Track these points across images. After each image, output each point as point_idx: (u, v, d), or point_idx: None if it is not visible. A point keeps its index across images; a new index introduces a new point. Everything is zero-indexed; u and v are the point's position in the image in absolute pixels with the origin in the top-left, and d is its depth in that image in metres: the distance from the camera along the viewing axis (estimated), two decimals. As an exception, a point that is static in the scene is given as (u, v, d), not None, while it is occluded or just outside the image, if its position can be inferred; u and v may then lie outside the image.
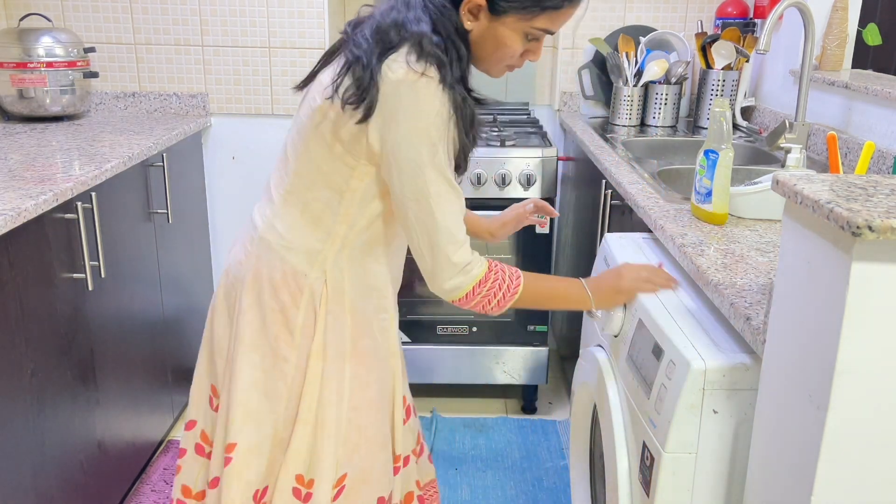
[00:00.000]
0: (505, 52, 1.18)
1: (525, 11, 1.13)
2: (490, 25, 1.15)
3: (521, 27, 1.15)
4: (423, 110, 1.10)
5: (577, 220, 2.53)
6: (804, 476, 0.85)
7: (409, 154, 1.12)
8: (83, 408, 1.81)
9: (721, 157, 1.44)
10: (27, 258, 1.55)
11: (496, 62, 1.22)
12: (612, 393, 1.33)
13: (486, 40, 1.17)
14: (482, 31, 1.16)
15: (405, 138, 1.11)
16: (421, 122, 1.11)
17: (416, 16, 1.14)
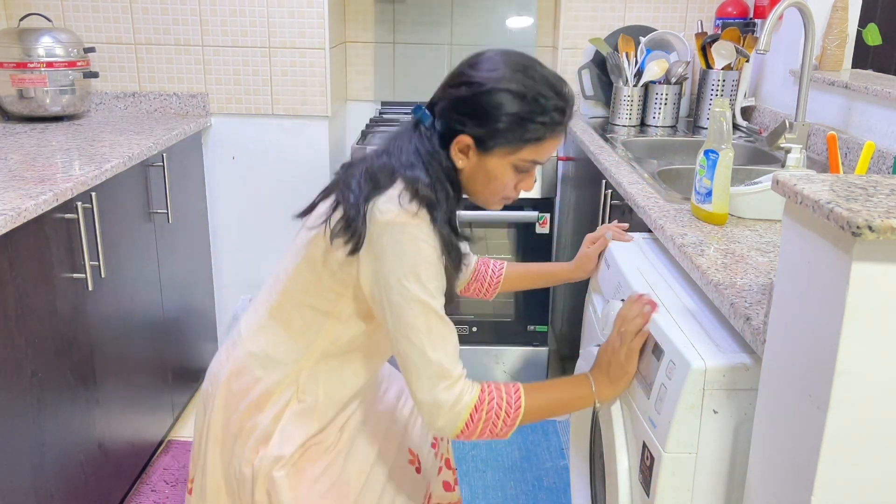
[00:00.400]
0: (497, 185, 1.22)
1: (511, 146, 1.17)
2: (480, 162, 1.19)
3: (509, 161, 1.19)
4: (412, 251, 1.13)
5: (577, 220, 2.53)
6: (804, 476, 0.85)
7: (400, 293, 1.14)
8: (83, 408, 1.81)
9: (721, 157, 1.44)
10: (27, 258, 1.55)
11: (491, 195, 1.25)
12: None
13: (477, 176, 1.21)
14: (473, 168, 1.20)
15: (395, 278, 1.13)
16: (410, 263, 1.13)
17: (407, 160, 1.18)
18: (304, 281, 1.23)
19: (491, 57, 1.18)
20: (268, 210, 2.74)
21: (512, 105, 1.14)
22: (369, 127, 2.71)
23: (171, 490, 2.21)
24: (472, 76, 1.16)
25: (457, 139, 1.18)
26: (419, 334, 1.14)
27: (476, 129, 1.16)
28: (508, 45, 2.94)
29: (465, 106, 1.16)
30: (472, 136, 1.17)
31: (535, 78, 1.16)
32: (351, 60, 2.98)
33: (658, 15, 2.77)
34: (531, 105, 1.15)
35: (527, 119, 1.15)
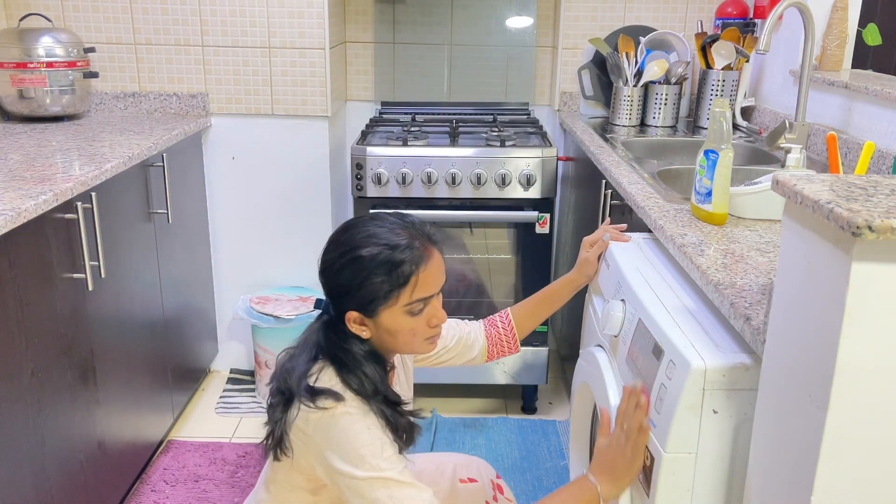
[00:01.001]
0: (405, 335, 1.24)
1: (387, 300, 1.20)
2: (377, 325, 1.23)
3: (398, 312, 1.21)
4: (349, 438, 1.17)
5: (577, 220, 2.53)
6: (804, 476, 0.85)
7: (352, 478, 1.17)
8: (83, 408, 1.81)
9: (721, 157, 1.44)
10: (27, 258, 1.55)
11: (407, 344, 1.26)
12: (612, 393, 1.33)
13: (384, 337, 1.25)
14: (377, 332, 1.24)
15: (342, 467, 1.17)
16: (351, 449, 1.17)
17: (301, 370, 1.23)
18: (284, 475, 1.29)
19: (346, 229, 1.25)
20: (268, 210, 2.75)
21: (369, 266, 1.19)
22: (369, 127, 2.71)
23: (171, 490, 2.21)
24: (324, 263, 1.24)
25: (346, 317, 1.23)
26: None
27: (352, 302, 1.21)
28: (508, 45, 2.95)
29: (333, 289, 1.24)
30: (354, 309, 1.22)
31: (387, 227, 1.22)
32: (351, 60, 2.98)
33: (658, 15, 2.77)
34: (377, 259, 1.19)
35: (382, 272, 1.19)
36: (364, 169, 2.40)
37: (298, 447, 1.23)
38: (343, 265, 1.21)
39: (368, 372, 1.23)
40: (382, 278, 1.19)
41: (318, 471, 1.22)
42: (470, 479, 1.57)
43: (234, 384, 2.83)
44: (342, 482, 1.19)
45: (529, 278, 2.53)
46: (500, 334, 1.59)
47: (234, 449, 2.41)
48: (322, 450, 1.19)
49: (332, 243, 1.26)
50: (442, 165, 2.40)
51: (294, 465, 1.26)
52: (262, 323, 2.56)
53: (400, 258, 1.19)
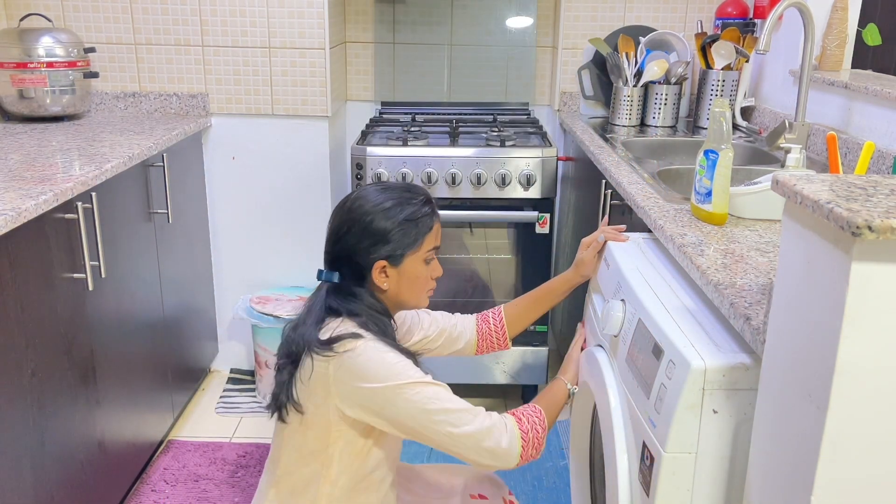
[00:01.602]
0: (420, 283, 1.39)
1: (415, 246, 1.36)
2: (399, 274, 1.36)
3: (418, 258, 1.37)
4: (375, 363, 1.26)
5: (577, 220, 2.53)
6: (804, 476, 0.85)
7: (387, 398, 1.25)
8: (83, 408, 1.81)
9: (721, 157, 1.44)
10: (27, 258, 1.55)
11: (418, 295, 1.40)
12: (612, 393, 1.33)
13: (402, 286, 1.37)
14: (396, 281, 1.37)
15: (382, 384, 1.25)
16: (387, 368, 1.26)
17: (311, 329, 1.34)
18: (292, 448, 1.36)
19: (355, 198, 1.37)
20: (268, 210, 2.75)
21: (394, 218, 1.33)
22: (369, 127, 2.71)
23: (171, 490, 2.21)
24: (354, 218, 1.34)
25: (374, 267, 1.34)
26: (427, 405, 1.26)
27: (380, 252, 1.33)
28: (508, 45, 2.95)
29: (364, 240, 1.33)
30: (383, 258, 1.34)
31: (398, 189, 1.37)
32: (351, 60, 2.98)
33: (658, 15, 2.77)
34: (409, 208, 1.34)
35: (412, 219, 1.34)
36: (364, 169, 2.40)
37: (316, 400, 1.30)
38: (373, 218, 1.33)
39: (384, 320, 1.36)
40: (411, 226, 1.34)
41: (347, 412, 1.28)
42: (481, 495, 1.60)
43: (235, 384, 2.83)
44: (380, 399, 1.26)
45: (529, 278, 2.53)
46: (490, 330, 1.64)
47: (234, 449, 2.41)
48: (353, 386, 1.26)
49: (346, 205, 1.37)
50: (442, 165, 2.40)
51: (303, 427, 1.32)
52: (262, 323, 2.57)
53: (424, 210, 1.36)
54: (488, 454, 1.28)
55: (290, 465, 1.36)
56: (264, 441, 2.47)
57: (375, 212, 1.33)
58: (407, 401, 1.25)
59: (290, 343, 1.36)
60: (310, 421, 1.32)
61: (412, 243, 1.34)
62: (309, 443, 1.33)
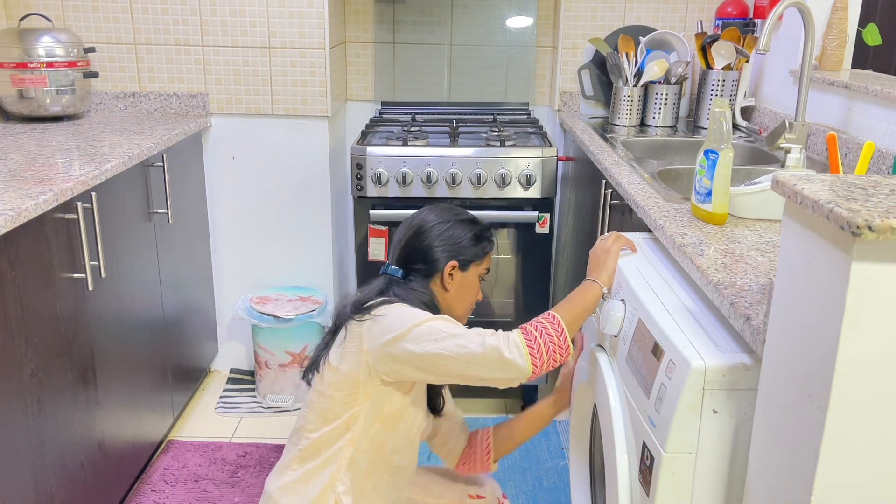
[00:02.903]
0: (473, 295, 1.55)
1: (479, 259, 1.53)
2: (462, 279, 1.52)
3: (478, 272, 1.54)
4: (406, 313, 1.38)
5: (577, 220, 2.53)
6: (804, 476, 0.85)
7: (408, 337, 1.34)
8: (83, 408, 1.81)
9: (721, 157, 1.44)
10: (27, 258, 1.55)
11: (468, 307, 1.56)
12: (612, 393, 1.33)
13: (460, 291, 1.52)
14: (457, 286, 1.51)
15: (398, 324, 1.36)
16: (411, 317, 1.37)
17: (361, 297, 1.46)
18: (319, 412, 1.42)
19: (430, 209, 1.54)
20: (268, 210, 2.75)
21: (467, 230, 1.51)
22: (369, 127, 2.71)
23: (171, 490, 2.21)
24: (431, 223, 1.50)
25: (447, 266, 1.48)
26: (442, 332, 1.34)
27: (455, 255, 1.49)
28: (508, 45, 2.95)
29: (443, 241, 1.49)
30: (455, 260, 1.49)
31: (461, 211, 1.55)
32: (351, 60, 2.98)
33: (658, 15, 2.77)
34: (476, 227, 1.53)
35: (480, 237, 1.52)
36: (364, 169, 2.40)
37: (349, 360, 1.38)
38: (456, 224, 1.50)
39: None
40: (480, 242, 1.52)
41: (376, 368, 1.37)
42: (479, 495, 1.66)
43: (234, 384, 2.83)
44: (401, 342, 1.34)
45: (529, 278, 2.53)
46: (473, 454, 1.66)
47: (234, 449, 2.41)
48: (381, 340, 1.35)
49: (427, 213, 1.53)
50: (442, 165, 2.40)
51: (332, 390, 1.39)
52: (262, 323, 2.57)
53: (488, 233, 1.55)
54: (499, 367, 1.33)
55: (315, 428, 1.42)
56: (264, 441, 2.47)
57: (456, 221, 1.51)
58: (421, 334, 1.33)
59: (339, 313, 1.46)
60: (340, 383, 1.39)
61: (478, 255, 1.51)
62: (336, 406, 1.40)
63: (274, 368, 2.63)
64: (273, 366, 2.63)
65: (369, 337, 1.37)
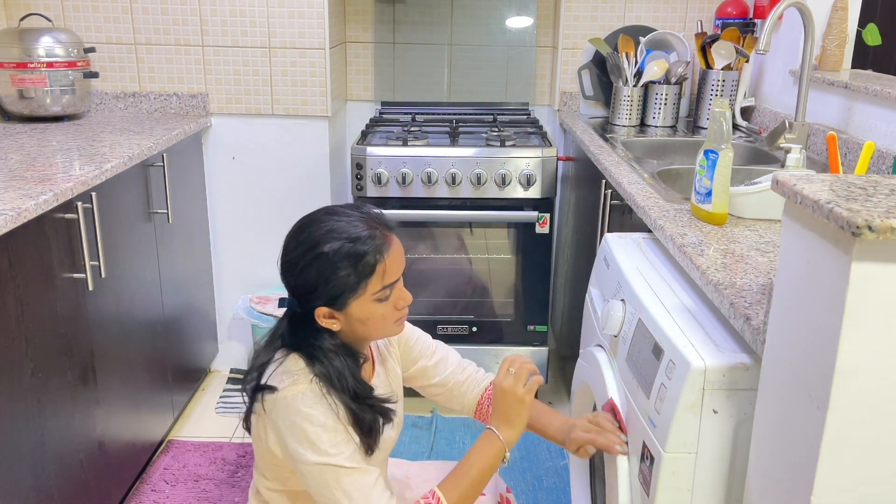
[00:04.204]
0: (377, 321, 1.26)
1: (355, 291, 1.22)
2: (347, 317, 1.25)
3: (367, 300, 1.23)
4: (300, 421, 1.20)
5: (577, 220, 2.53)
6: (804, 476, 0.85)
7: (303, 461, 1.21)
8: (83, 408, 1.81)
9: (721, 157, 1.44)
10: (27, 258, 1.55)
11: (380, 329, 1.29)
12: (612, 393, 1.33)
13: (355, 327, 1.26)
14: (348, 323, 1.26)
15: (293, 448, 1.22)
16: (300, 432, 1.20)
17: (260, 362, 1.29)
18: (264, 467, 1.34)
19: (299, 230, 1.27)
20: (268, 210, 2.75)
21: (326, 265, 1.21)
22: (369, 127, 2.71)
23: (171, 490, 2.21)
24: (286, 263, 1.26)
25: (316, 313, 1.24)
26: (332, 489, 1.20)
27: (320, 298, 1.23)
28: (508, 45, 2.94)
29: (299, 287, 1.25)
30: (323, 305, 1.23)
31: (339, 219, 1.23)
32: (351, 60, 2.98)
33: (658, 15, 2.77)
34: (341, 253, 1.20)
35: (348, 265, 1.21)
36: (364, 169, 2.40)
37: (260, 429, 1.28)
38: (307, 263, 1.22)
39: (337, 364, 1.25)
40: (349, 271, 1.20)
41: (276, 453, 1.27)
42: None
43: (235, 384, 2.83)
44: (296, 465, 1.23)
45: (529, 278, 2.53)
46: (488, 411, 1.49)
47: (234, 449, 2.41)
48: (280, 432, 1.23)
49: (291, 242, 1.27)
50: (442, 165, 2.40)
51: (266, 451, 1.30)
52: (262, 323, 2.56)
53: (363, 249, 1.21)
54: None
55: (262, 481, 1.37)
56: (264, 441, 2.47)
57: (311, 254, 1.21)
58: (311, 478, 1.22)
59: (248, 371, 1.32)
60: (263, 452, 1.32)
61: (353, 288, 1.21)
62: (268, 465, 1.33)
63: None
64: (273, 366, 2.62)
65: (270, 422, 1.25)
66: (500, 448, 1.31)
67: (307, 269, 1.22)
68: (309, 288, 1.23)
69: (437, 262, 2.52)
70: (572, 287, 2.59)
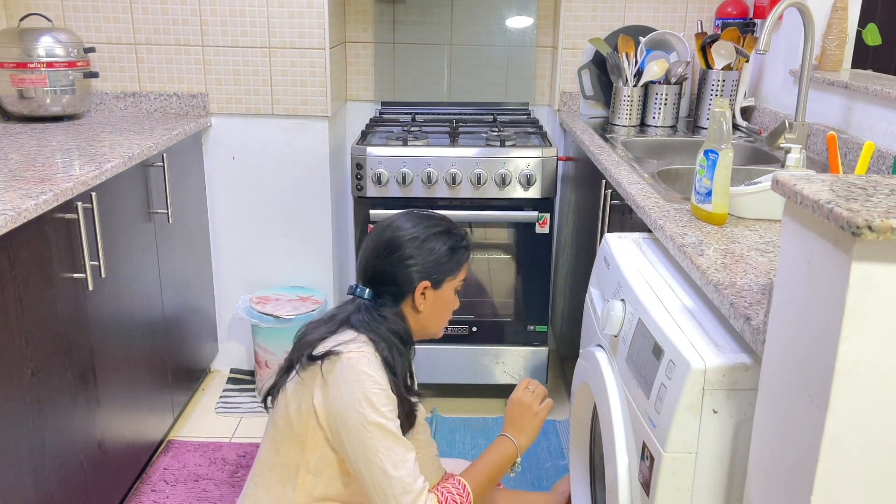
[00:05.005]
0: (448, 310, 1.49)
1: (453, 273, 1.46)
2: (436, 297, 1.46)
3: (454, 286, 1.48)
4: (363, 380, 1.31)
5: (577, 220, 2.53)
6: (804, 476, 0.85)
7: (357, 420, 1.30)
8: (83, 408, 1.81)
9: (721, 157, 1.44)
10: (27, 258, 1.55)
11: (442, 322, 1.50)
12: (612, 393, 1.33)
13: (434, 310, 1.47)
14: (431, 305, 1.46)
15: (350, 406, 1.30)
16: (362, 391, 1.30)
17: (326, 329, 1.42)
18: (275, 441, 1.41)
19: (401, 220, 1.45)
20: (268, 210, 2.75)
21: (440, 244, 1.43)
22: (369, 127, 2.72)
23: (171, 490, 2.21)
24: (401, 238, 1.42)
25: (418, 287, 1.42)
26: (379, 455, 1.29)
27: (426, 273, 1.42)
28: (508, 45, 2.94)
29: (411, 261, 1.41)
30: (427, 280, 1.42)
31: (438, 219, 1.47)
32: (351, 60, 2.98)
33: (658, 15, 2.77)
34: (452, 238, 1.45)
35: (455, 248, 1.45)
36: (364, 169, 2.40)
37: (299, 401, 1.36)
38: (425, 240, 1.42)
39: (396, 348, 1.39)
40: (455, 254, 1.44)
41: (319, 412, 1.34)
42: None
43: (234, 384, 2.83)
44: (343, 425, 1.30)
45: (529, 278, 2.53)
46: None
47: (234, 449, 2.41)
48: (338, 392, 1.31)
49: (394, 228, 1.44)
50: (442, 165, 2.40)
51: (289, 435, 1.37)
52: (262, 323, 2.57)
53: (464, 244, 1.47)
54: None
55: (268, 457, 1.41)
56: (264, 441, 2.47)
57: (424, 236, 1.42)
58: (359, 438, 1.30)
59: (295, 347, 1.43)
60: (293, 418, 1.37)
61: (453, 270, 1.45)
62: (288, 436, 1.39)
63: (274, 368, 2.63)
64: (273, 366, 2.63)
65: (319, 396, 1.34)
66: (513, 452, 1.48)
67: (420, 248, 1.41)
68: (418, 264, 1.41)
69: (437, 262, 2.52)
70: (572, 287, 2.59)
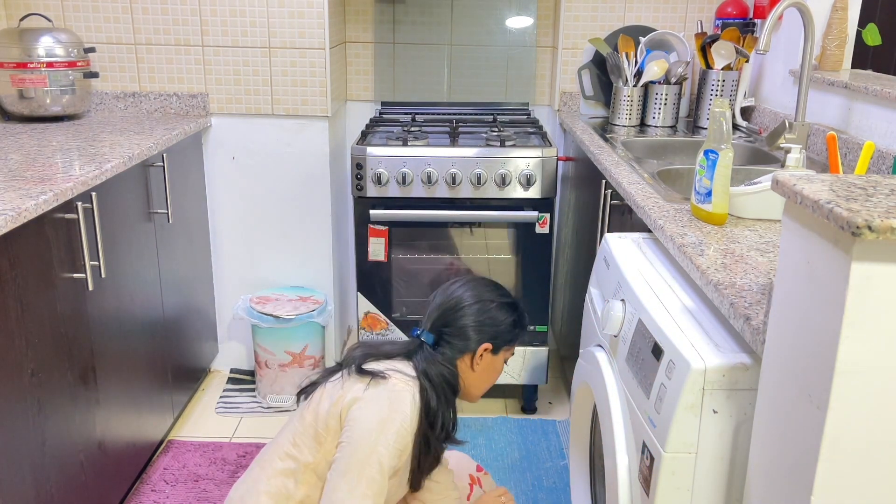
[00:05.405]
0: (495, 376, 1.56)
1: (509, 343, 1.54)
2: (491, 361, 1.53)
3: (506, 356, 1.56)
4: (394, 407, 1.37)
5: (577, 220, 2.53)
6: (804, 476, 0.85)
7: (366, 431, 1.34)
8: (83, 408, 1.81)
9: (721, 157, 1.44)
10: (27, 258, 1.55)
11: (486, 385, 1.56)
12: (612, 393, 1.33)
13: (486, 372, 1.53)
14: (485, 367, 1.52)
15: (371, 422, 1.35)
16: (389, 417, 1.35)
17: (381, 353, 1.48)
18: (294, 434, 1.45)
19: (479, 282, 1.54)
20: (268, 210, 2.75)
21: (509, 315, 1.52)
22: (369, 127, 2.71)
23: (171, 490, 2.21)
24: (472, 302, 1.50)
25: (482, 347, 1.50)
26: (359, 478, 1.32)
27: (491, 336, 1.50)
28: (508, 45, 2.94)
29: (484, 321, 1.49)
30: (489, 342, 1.50)
31: (505, 292, 1.55)
32: (351, 60, 2.98)
33: (658, 15, 2.77)
34: (516, 313, 1.54)
35: (517, 322, 1.54)
36: (364, 169, 2.40)
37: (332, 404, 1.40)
38: (499, 307, 1.51)
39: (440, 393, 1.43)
40: (516, 328, 1.54)
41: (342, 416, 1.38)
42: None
43: (234, 384, 2.83)
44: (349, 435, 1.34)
45: (529, 278, 2.53)
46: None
47: (234, 449, 2.41)
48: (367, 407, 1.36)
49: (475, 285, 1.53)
50: (442, 165, 2.40)
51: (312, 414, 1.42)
52: (262, 323, 2.57)
53: (525, 320, 1.57)
54: None
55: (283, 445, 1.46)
56: (264, 441, 2.47)
57: (498, 303, 1.51)
58: (358, 453, 1.33)
59: (347, 356, 1.49)
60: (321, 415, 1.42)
61: (510, 341, 1.53)
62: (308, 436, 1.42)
63: (274, 368, 2.63)
64: (273, 366, 2.63)
65: (350, 398, 1.40)
66: None
67: (495, 311, 1.51)
68: (490, 324, 1.50)
69: (437, 262, 2.52)
70: (572, 287, 2.59)
